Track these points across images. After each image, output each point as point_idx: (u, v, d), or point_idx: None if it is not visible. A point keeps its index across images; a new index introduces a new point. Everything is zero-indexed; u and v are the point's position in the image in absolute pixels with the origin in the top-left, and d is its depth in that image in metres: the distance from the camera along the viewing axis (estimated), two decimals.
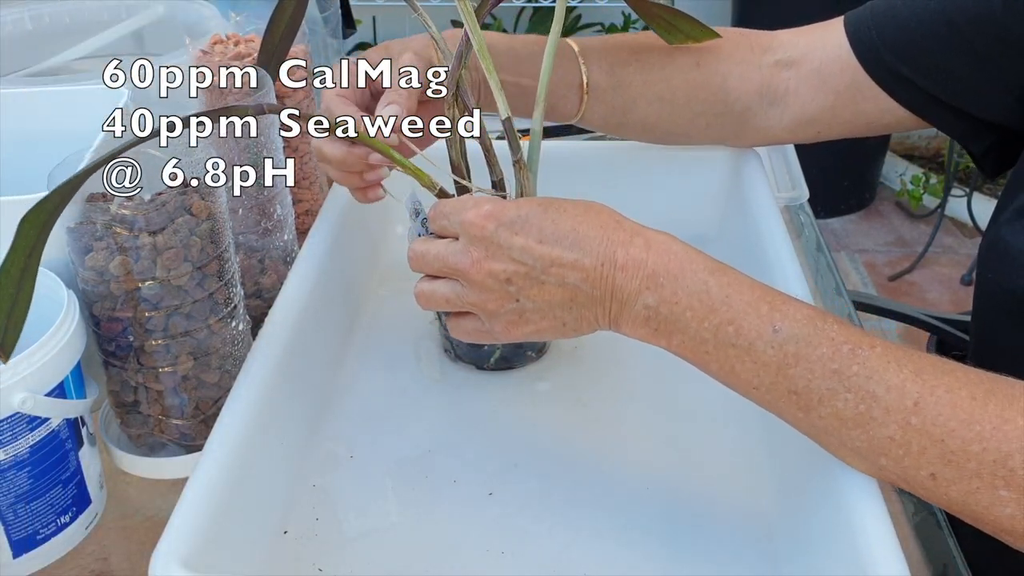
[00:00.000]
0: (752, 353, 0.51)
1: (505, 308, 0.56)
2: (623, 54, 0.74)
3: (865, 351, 0.50)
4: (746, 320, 0.51)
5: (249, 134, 0.69)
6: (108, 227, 0.56)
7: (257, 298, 0.74)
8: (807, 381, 0.50)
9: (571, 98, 0.74)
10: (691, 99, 0.75)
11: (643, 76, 0.74)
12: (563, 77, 0.73)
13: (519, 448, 0.66)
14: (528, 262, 0.54)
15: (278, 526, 0.60)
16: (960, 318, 1.31)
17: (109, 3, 1.01)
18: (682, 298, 0.53)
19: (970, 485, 0.47)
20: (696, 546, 0.59)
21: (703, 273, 0.53)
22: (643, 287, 0.53)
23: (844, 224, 2.56)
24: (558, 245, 0.54)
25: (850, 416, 0.49)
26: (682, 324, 0.53)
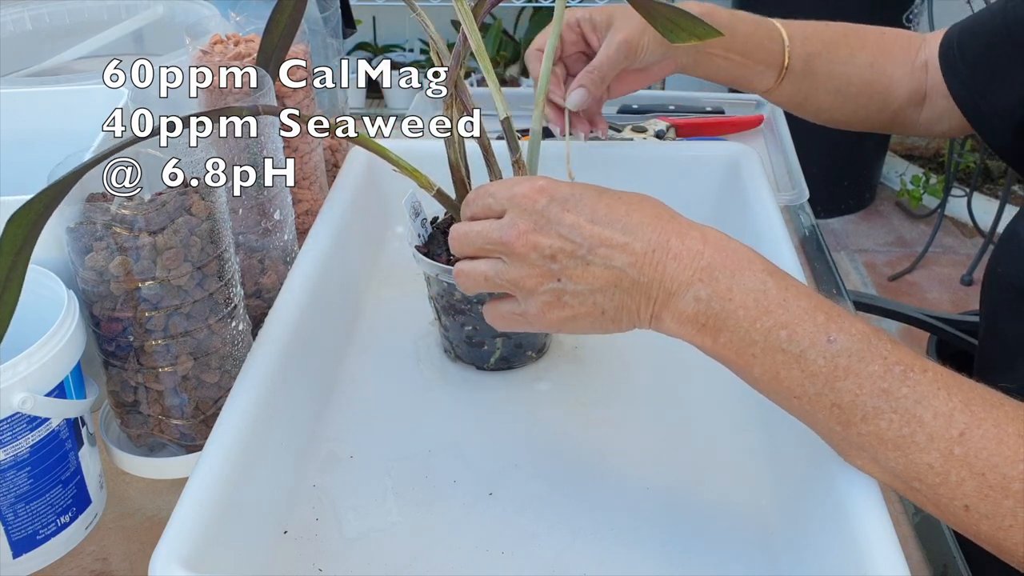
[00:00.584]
0: (802, 361, 0.50)
1: (545, 287, 0.54)
2: (818, 45, 0.81)
3: (917, 375, 0.48)
4: (801, 326, 0.50)
5: (248, 134, 0.69)
6: (108, 227, 0.56)
7: (257, 298, 0.74)
8: (854, 396, 0.49)
9: (769, 76, 0.81)
10: (861, 94, 0.83)
11: (829, 68, 0.81)
12: (766, 57, 0.79)
13: (519, 448, 0.66)
14: (576, 239, 0.53)
15: (278, 526, 0.60)
16: (960, 318, 1.31)
17: (109, 3, 1.01)
18: (736, 295, 0.51)
19: (1003, 522, 0.46)
20: (696, 546, 0.59)
21: (762, 273, 0.51)
22: (696, 278, 0.51)
23: (844, 224, 2.56)
24: (609, 227, 0.53)
25: (892, 438, 0.48)
26: (732, 322, 0.51)
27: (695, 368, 0.60)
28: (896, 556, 0.48)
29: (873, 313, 1.31)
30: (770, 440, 0.65)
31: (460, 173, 0.68)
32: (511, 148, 0.65)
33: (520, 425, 0.68)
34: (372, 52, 2.76)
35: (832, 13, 0.83)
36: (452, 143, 0.67)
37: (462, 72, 0.67)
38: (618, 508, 0.61)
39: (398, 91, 2.70)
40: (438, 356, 0.75)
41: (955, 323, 1.27)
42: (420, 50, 2.70)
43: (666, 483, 0.63)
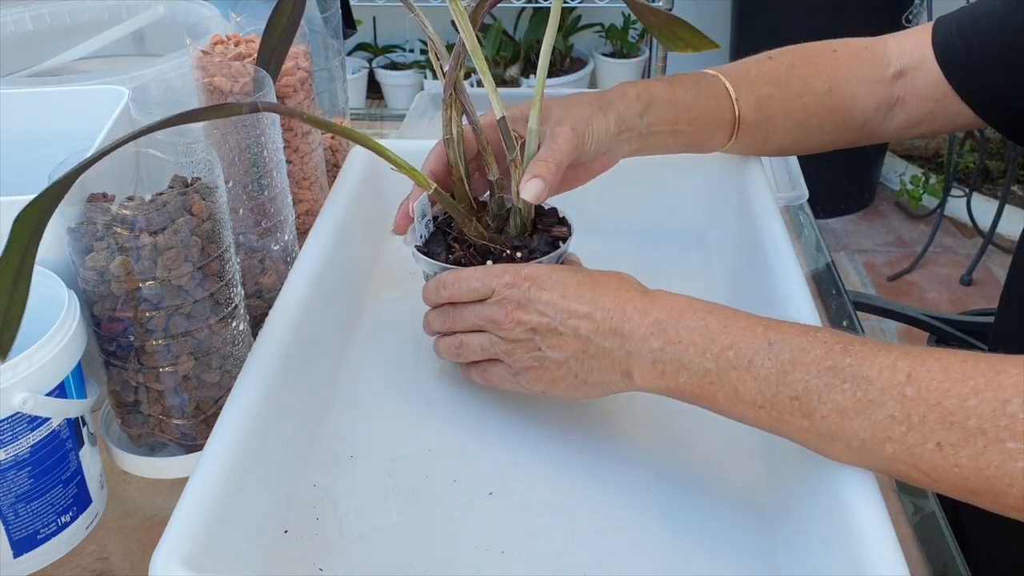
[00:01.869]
0: (752, 369, 0.54)
1: (530, 356, 0.62)
2: (767, 87, 0.77)
3: (857, 346, 0.52)
4: (743, 341, 0.54)
5: (248, 134, 0.69)
6: (109, 227, 0.56)
7: (257, 298, 0.74)
8: (805, 384, 0.52)
9: (721, 135, 0.77)
10: (823, 123, 0.79)
11: (784, 106, 0.77)
12: (715, 117, 0.75)
13: (519, 448, 0.66)
14: (550, 314, 0.60)
15: (278, 526, 0.60)
16: (960, 318, 1.31)
17: (109, 3, 1.01)
18: (684, 336, 0.56)
19: (976, 444, 0.47)
20: (695, 546, 0.59)
21: (702, 312, 0.57)
22: (649, 334, 0.57)
23: (844, 224, 2.56)
24: (576, 300, 0.60)
25: (851, 406, 0.50)
26: (686, 360, 0.56)
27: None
28: (896, 556, 0.48)
29: (873, 313, 1.32)
30: (769, 440, 0.64)
31: (459, 173, 0.68)
32: (508, 148, 0.65)
33: (520, 425, 0.68)
34: (372, 52, 2.77)
35: (832, 13, 0.80)
36: (451, 144, 0.67)
37: (461, 73, 0.67)
38: (618, 508, 0.61)
39: (398, 91, 2.70)
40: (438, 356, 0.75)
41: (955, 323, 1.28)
42: (420, 50, 2.70)
43: (666, 483, 0.63)
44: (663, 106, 0.72)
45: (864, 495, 0.51)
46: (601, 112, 0.68)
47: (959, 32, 0.76)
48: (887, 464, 0.51)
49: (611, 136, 0.69)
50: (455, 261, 0.67)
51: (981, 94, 0.75)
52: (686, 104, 0.73)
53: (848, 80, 0.78)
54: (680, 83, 0.74)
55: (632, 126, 0.70)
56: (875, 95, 0.78)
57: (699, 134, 0.75)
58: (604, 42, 2.72)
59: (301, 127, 0.80)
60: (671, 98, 0.72)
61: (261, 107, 0.59)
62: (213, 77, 0.72)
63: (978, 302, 2.26)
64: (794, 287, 0.67)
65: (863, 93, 0.78)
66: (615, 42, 2.68)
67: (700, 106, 0.73)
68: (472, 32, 0.63)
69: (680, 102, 0.73)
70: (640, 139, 0.72)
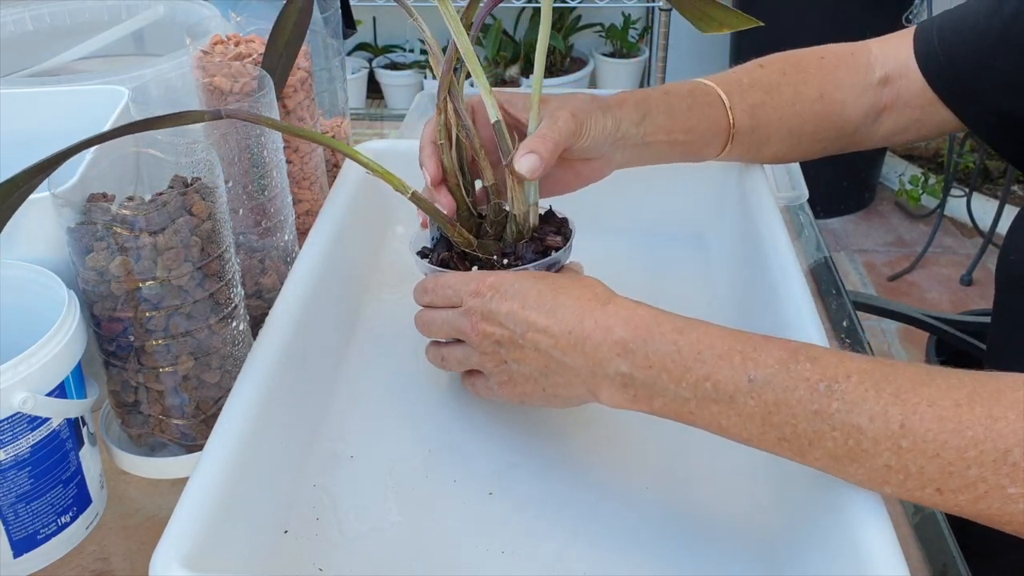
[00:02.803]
0: (734, 406, 0.52)
1: (499, 368, 0.60)
2: (760, 94, 0.76)
3: (841, 384, 0.49)
4: (721, 373, 0.52)
5: (248, 134, 0.69)
6: (108, 227, 0.56)
7: (257, 298, 0.74)
8: (792, 427, 0.50)
9: (716, 143, 0.75)
10: (816, 129, 0.78)
11: (777, 114, 0.76)
12: (710, 125, 0.74)
13: (519, 448, 0.66)
14: (511, 326, 0.58)
15: (278, 526, 0.60)
16: (960, 318, 1.31)
17: (109, 3, 1.01)
18: (655, 361, 0.53)
19: (977, 491, 0.47)
20: (695, 546, 0.59)
21: (671, 334, 0.54)
22: (613, 354, 0.55)
23: (844, 224, 2.56)
24: (535, 311, 0.57)
25: (842, 454, 0.49)
26: (660, 387, 0.54)
27: None
28: (896, 556, 0.48)
29: (873, 313, 1.32)
30: None
31: (455, 179, 0.67)
32: (503, 151, 0.64)
33: (520, 425, 0.68)
34: (372, 52, 2.77)
35: (832, 13, 0.80)
36: (446, 150, 0.66)
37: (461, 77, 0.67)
38: (618, 508, 0.61)
39: (398, 91, 2.70)
40: None
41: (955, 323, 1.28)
42: (420, 50, 2.70)
43: (666, 483, 0.63)
44: (660, 115, 0.71)
45: (864, 495, 0.51)
46: (600, 111, 0.67)
47: (940, 40, 0.76)
48: (884, 494, 0.51)
49: (607, 137, 0.68)
50: (441, 263, 0.67)
51: (964, 101, 0.75)
52: (682, 113, 0.72)
53: (837, 87, 0.77)
54: (675, 92, 0.73)
55: (628, 134, 0.69)
56: (863, 102, 0.78)
57: (695, 143, 0.74)
58: (604, 42, 2.72)
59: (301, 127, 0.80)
60: (667, 107, 0.71)
61: (225, 114, 0.59)
62: (213, 77, 0.72)
63: (978, 302, 2.26)
64: (794, 287, 0.67)
65: (852, 100, 0.78)
66: (615, 42, 2.68)
67: (695, 115, 0.72)
68: (464, 33, 0.62)
69: (676, 111, 0.72)
70: (635, 148, 0.71)
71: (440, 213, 0.65)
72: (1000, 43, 0.71)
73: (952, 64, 0.74)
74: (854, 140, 0.80)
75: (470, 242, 0.66)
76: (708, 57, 2.58)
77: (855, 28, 2.64)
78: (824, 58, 0.79)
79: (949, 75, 0.75)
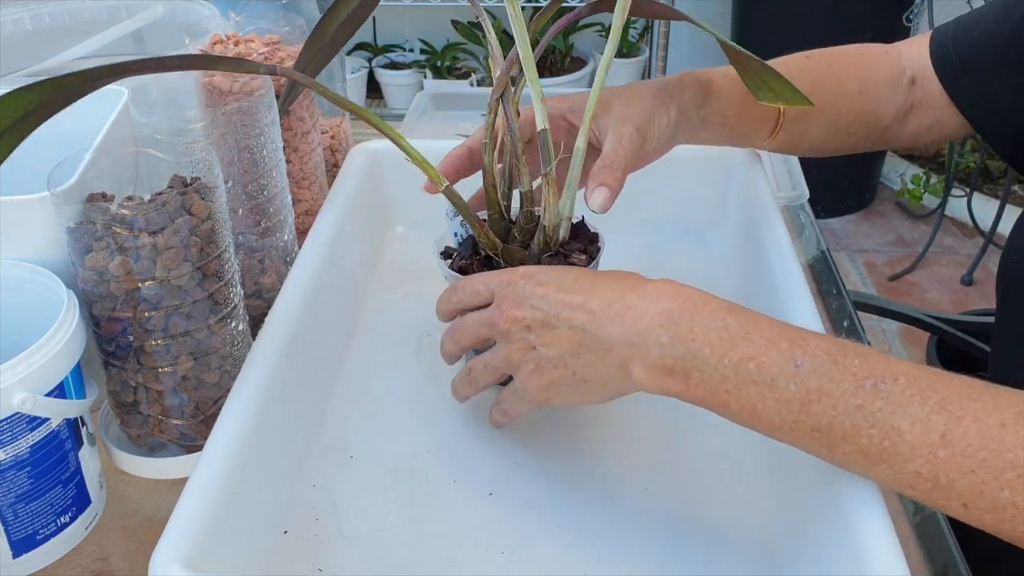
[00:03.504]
0: (774, 390, 0.50)
1: (526, 357, 0.58)
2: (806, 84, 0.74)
3: (888, 385, 0.48)
4: (767, 355, 0.51)
5: (248, 134, 0.69)
6: (108, 227, 0.56)
7: (257, 298, 0.74)
8: (830, 418, 0.49)
9: (764, 129, 0.75)
10: (851, 124, 0.79)
11: (820, 105, 0.75)
12: (762, 111, 0.74)
13: (519, 448, 0.66)
14: (544, 308, 0.57)
15: (278, 526, 0.60)
16: (960, 318, 1.31)
17: (109, 3, 1.01)
18: (699, 334, 0.52)
19: (1005, 513, 0.46)
20: (696, 546, 0.59)
21: (720, 311, 0.53)
22: (656, 324, 0.53)
23: (844, 224, 2.56)
24: (571, 292, 0.56)
25: (875, 452, 0.48)
26: (700, 361, 0.52)
27: None
28: (896, 556, 0.48)
29: (873, 313, 1.32)
30: (770, 441, 0.64)
31: (491, 178, 0.66)
32: (543, 161, 0.63)
33: (520, 425, 0.68)
34: (372, 52, 2.77)
35: (832, 13, 0.80)
36: (488, 149, 0.66)
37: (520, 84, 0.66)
38: (618, 508, 0.61)
39: (398, 91, 2.70)
40: (438, 356, 0.75)
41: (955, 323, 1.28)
42: (420, 50, 2.70)
43: (666, 483, 0.63)
44: (719, 99, 0.71)
45: (865, 495, 0.51)
46: (663, 106, 0.67)
47: (954, 41, 0.76)
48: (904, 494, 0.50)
49: (671, 129, 0.69)
50: (459, 268, 0.67)
51: (973, 103, 0.76)
52: (738, 97, 0.73)
53: (875, 84, 0.78)
54: (733, 76, 0.73)
55: (689, 118, 0.70)
56: (896, 100, 0.79)
57: (745, 127, 0.74)
58: (604, 42, 2.72)
59: (301, 127, 0.80)
60: (727, 91, 0.72)
61: (280, 72, 0.59)
62: (213, 76, 0.72)
63: (979, 302, 2.26)
64: (794, 287, 0.67)
65: (886, 97, 0.79)
66: None
67: (750, 100, 0.72)
68: (527, 39, 0.62)
69: (733, 95, 0.72)
70: (692, 129, 0.71)
71: (470, 212, 0.65)
72: (1011, 47, 0.72)
73: (963, 65, 0.75)
74: (884, 137, 0.81)
75: (495, 245, 0.65)
76: (708, 58, 2.58)
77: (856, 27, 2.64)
78: (863, 54, 0.80)
79: (959, 76, 0.76)
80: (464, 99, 1.20)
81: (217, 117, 0.67)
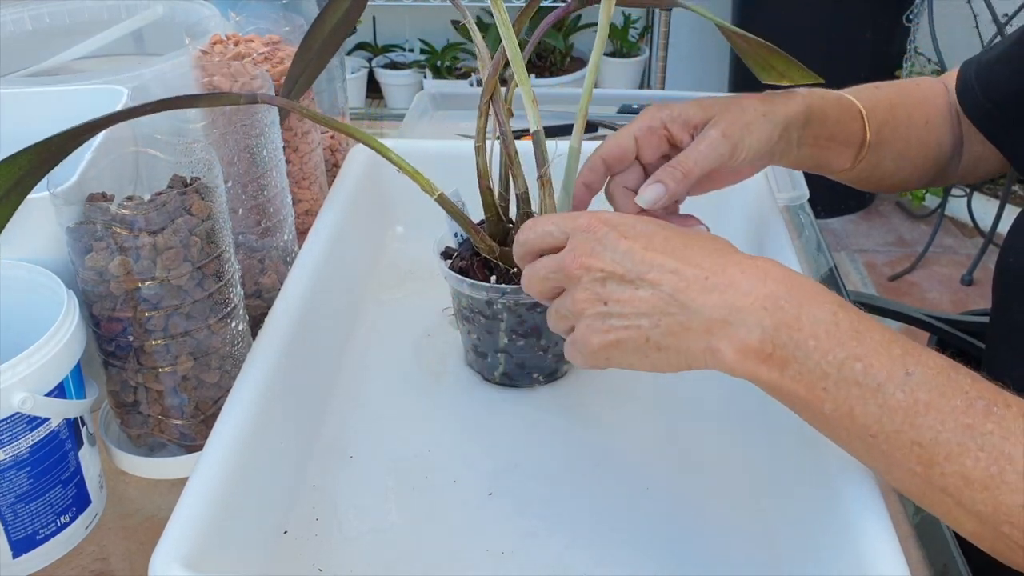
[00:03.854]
0: (879, 395, 0.47)
1: (592, 310, 0.53)
2: (884, 112, 0.74)
3: (1001, 409, 0.46)
4: (877, 359, 0.47)
5: (248, 134, 0.69)
6: (108, 227, 0.56)
7: (257, 298, 0.74)
8: (935, 433, 0.46)
9: (847, 155, 0.73)
10: (918, 155, 0.77)
11: (894, 134, 0.75)
12: (849, 137, 0.72)
13: (519, 448, 0.66)
14: (627, 264, 0.52)
15: (278, 526, 0.60)
16: (960, 318, 1.31)
17: (109, 3, 1.01)
18: (806, 325, 0.48)
19: None
20: (696, 546, 0.59)
21: (832, 305, 0.49)
22: (759, 306, 0.49)
23: (844, 224, 2.57)
24: (663, 253, 0.52)
25: (979, 477, 0.45)
26: (802, 353, 0.48)
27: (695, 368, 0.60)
28: (896, 556, 0.48)
29: (874, 313, 1.31)
30: (771, 440, 0.64)
31: (487, 181, 0.67)
32: (538, 162, 0.63)
33: (520, 425, 0.68)
34: (372, 52, 2.77)
35: (832, 13, 0.80)
36: (481, 152, 0.66)
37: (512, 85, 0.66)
38: (618, 508, 0.61)
39: (398, 91, 2.70)
40: (438, 356, 0.75)
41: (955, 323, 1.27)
42: (420, 50, 2.70)
43: (666, 483, 0.63)
44: (818, 121, 0.69)
45: (865, 495, 0.51)
46: (766, 119, 0.65)
47: (977, 74, 0.76)
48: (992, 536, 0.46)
49: (771, 145, 0.65)
50: (459, 269, 0.67)
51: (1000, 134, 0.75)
52: (833, 119, 0.70)
53: (938, 114, 0.77)
54: (828, 97, 0.71)
55: (790, 135, 0.67)
56: (954, 131, 0.78)
57: (833, 151, 0.72)
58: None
59: (301, 127, 0.80)
60: (822, 113, 0.69)
61: (260, 99, 0.59)
62: (212, 77, 0.72)
63: (979, 302, 2.26)
64: None
65: (947, 128, 0.78)
66: (615, 42, 2.68)
67: (841, 125, 0.71)
68: (514, 39, 0.62)
69: (828, 118, 0.70)
70: (790, 148, 0.68)
71: (465, 218, 0.65)
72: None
73: (987, 96, 0.75)
74: (945, 172, 0.80)
75: (492, 249, 0.66)
76: (708, 57, 2.58)
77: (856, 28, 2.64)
78: (920, 85, 0.79)
79: (983, 108, 0.75)
80: (464, 99, 1.20)
81: (217, 117, 0.67)
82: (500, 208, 0.68)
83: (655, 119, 0.65)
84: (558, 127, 1.04)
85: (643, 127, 0.65)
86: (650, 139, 0.65)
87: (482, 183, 0.66)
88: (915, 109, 0.77)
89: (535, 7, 0.66)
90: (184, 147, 0.61)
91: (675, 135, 0.65)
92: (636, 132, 0.65)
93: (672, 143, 0.65)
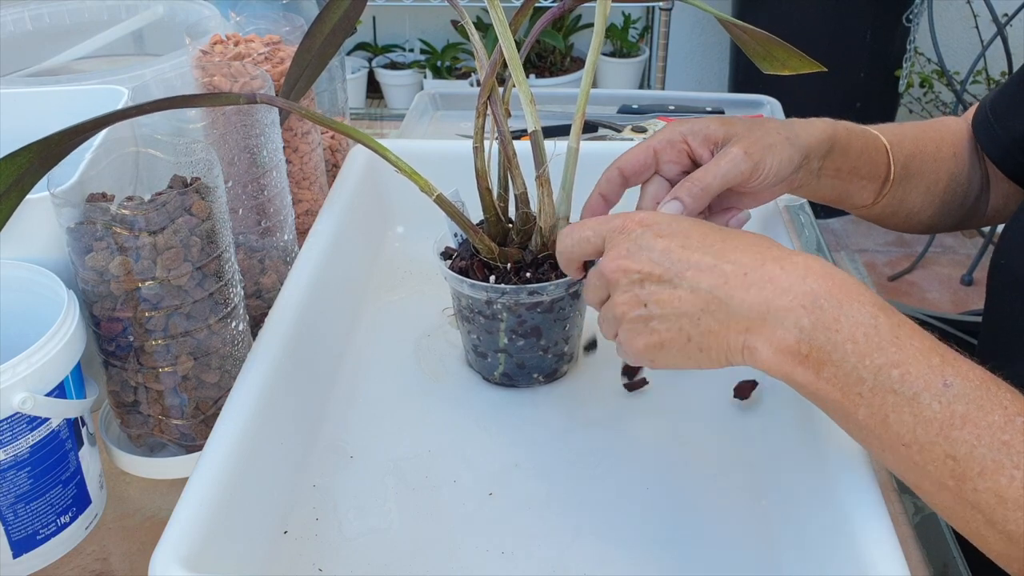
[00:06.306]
0: (915, 404, 0.46)
1: (633, 313, 0.53)
2: (909, 145, 0.73)
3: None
4: (915, 367, 0.46)
5: (248, 134, 0.69)
6: (108, 227, 0.56)
7: (257, 298, 0.74)
8: (971, 448, 0.45)
9: (870, 189, 0.72)
10: (946, 191, 0.76)
11: (921, 168, 0.73)
12: (872, 170, 0.71)
13: (519, 448, 0.66)
14: (665, 264, 0.51)
15: (278, 526, 0.60)
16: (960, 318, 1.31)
17: (109, 3, 1.01)
18: (844, 327, 0.47)
19: None
20: (696, 546, 0.59)
21: (872, 307, 0.48)
22: (797, 304, 0.48)
23: (844, 224, 2.56)
24: (700, 251, 0.51)
25: (1014, 497, 0.44)
26: (839, 355, 0.47)
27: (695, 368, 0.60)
28: (896, 556, 0.48)
29: None
30: (771, 440, 0.65)
31: (486, 182, 0.67)
32: (537, 163, 0.63)
33: (520, 425, 0.68)
34: (372, 52, 2.77)
35: (832, 13, 0.79)
36: (479, 153, 0.66)
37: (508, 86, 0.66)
38: (618, 508, 0.61)
39: (398, 91, 2.70)
40: (438, 356, 0.75)
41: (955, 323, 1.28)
42: (420, 50, 2.70)
43: (666, 483, 0.63)
44: (840, 151, 0.68)
45: (864, 495, 0.51)
46: (788, 142, 0.64)
47: (992, 109, 0.75)
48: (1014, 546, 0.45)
49: (793, 169, 0.64)
50: (459, 269, 0.67)
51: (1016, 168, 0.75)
52: (855, 152, 0.69)
53: (965, 148, 0.76)
54: (852, 129, 0.70)
55: (811, 163, 0.66)
56: (980, 167, 0.77)
57: (855, 183, 0.71)
58: (604, 42, 2.72)
59: (301, 127, 0.80)
60: (845, 144, 0.68)
61: (259, 99, 0.59)
62: (212, 77, 0.72)
63: (979, 302, 2.25)
64: None
65: (973, 163, 0.77)
66: (615, 42, 2.68)
67: (864, 157, 0.70)
68: (511, 39, 0.62)
69: (852, 149, 0.69)
70: (810, 177, 0.67)
71: (464, 218, 0.65)
72: None
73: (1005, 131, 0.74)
74: (973, 211, 0.79)
75: (491, 249, 0.66)
76: (708, 57, 2.58)
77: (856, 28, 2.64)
78: (945, 122, 0.78)
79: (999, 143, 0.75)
80: (464, 99, 1.20)
81: (217, 117, 0.67)
82: (499, 208, 0.68)
83: (675, 132, 0.65)
84: (557, 127, 1.04)
85: (663, 139, 0.64)
86: (669, 152, 0.64)
87: (481, 183, 0.66)
88: (943, 142, 0.76)
89: (531, 7, 0.66)
90: (184, 147, 0.61)
91: (695, 150, 0.64)
92: (655, 144, 0.65)
93: (692, 158, 0.65)
